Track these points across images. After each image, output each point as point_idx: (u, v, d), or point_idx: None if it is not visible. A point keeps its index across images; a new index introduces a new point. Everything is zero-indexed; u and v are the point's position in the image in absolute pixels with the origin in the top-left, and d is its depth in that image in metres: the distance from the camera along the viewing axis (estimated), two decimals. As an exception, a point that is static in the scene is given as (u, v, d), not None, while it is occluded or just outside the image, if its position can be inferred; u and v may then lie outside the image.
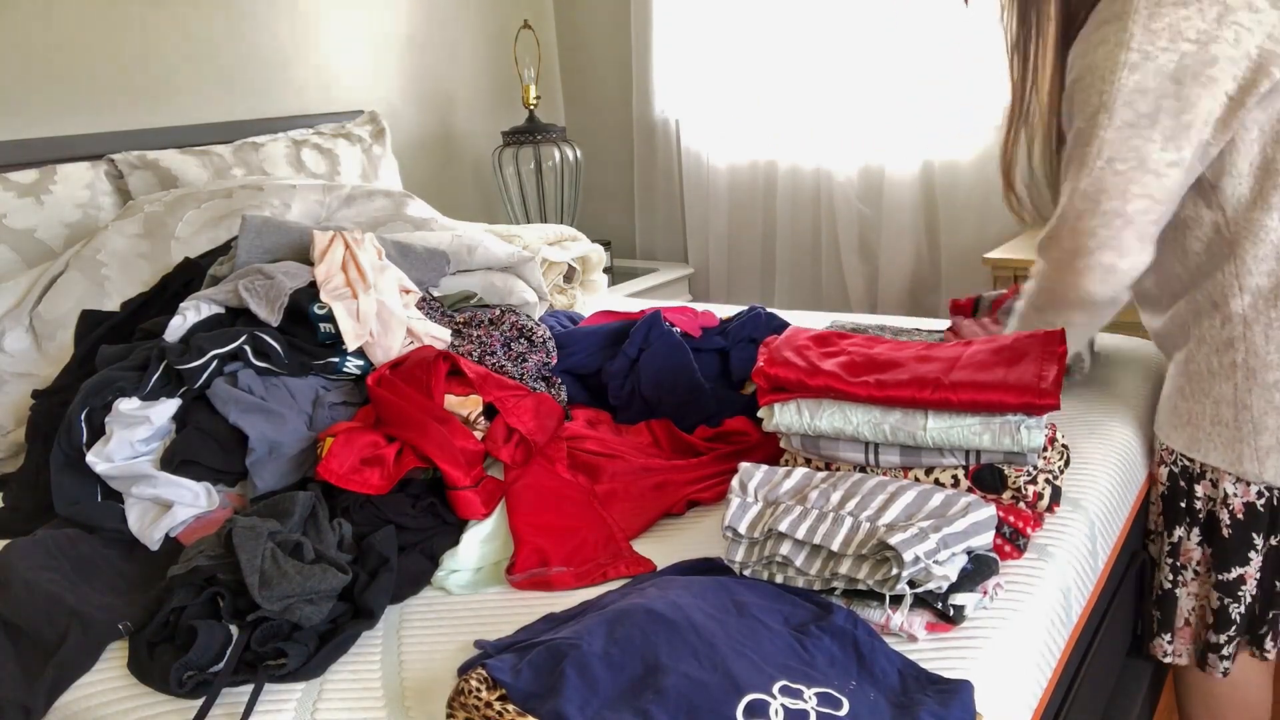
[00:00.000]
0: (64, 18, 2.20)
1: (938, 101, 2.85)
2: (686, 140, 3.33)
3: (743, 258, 3.33)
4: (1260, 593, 1.40)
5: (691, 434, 1.54)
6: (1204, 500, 1.40)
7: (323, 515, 1.22)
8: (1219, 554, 1.40)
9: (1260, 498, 1.35)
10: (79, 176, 2.04)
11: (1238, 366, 1.30)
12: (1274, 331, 1.28)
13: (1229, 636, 1.42)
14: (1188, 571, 1.45)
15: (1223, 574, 1.39)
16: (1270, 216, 1.25)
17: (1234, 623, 1.41)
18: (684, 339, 1.72)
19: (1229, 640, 1.42)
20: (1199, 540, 1.42)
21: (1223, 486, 1.36)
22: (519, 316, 1.76)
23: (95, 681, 1.07)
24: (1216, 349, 1.32)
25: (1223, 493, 1.36)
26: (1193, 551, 1.43)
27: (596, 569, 1.20)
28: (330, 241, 1.63)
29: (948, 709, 0.89)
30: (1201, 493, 1.39)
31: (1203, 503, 1.40)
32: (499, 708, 0.85)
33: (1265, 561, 1.38)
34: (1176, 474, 1.41)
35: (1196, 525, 1.41)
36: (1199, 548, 1.43)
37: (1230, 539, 1.37)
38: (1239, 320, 1.29)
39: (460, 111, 3.25)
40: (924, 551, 0.98)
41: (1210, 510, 1.40)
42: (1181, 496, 1.42)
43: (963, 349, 1.28)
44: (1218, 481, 1.37)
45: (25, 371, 1.68)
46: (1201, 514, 1.41)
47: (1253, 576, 1.39)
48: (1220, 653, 1.43)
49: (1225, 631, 1.41)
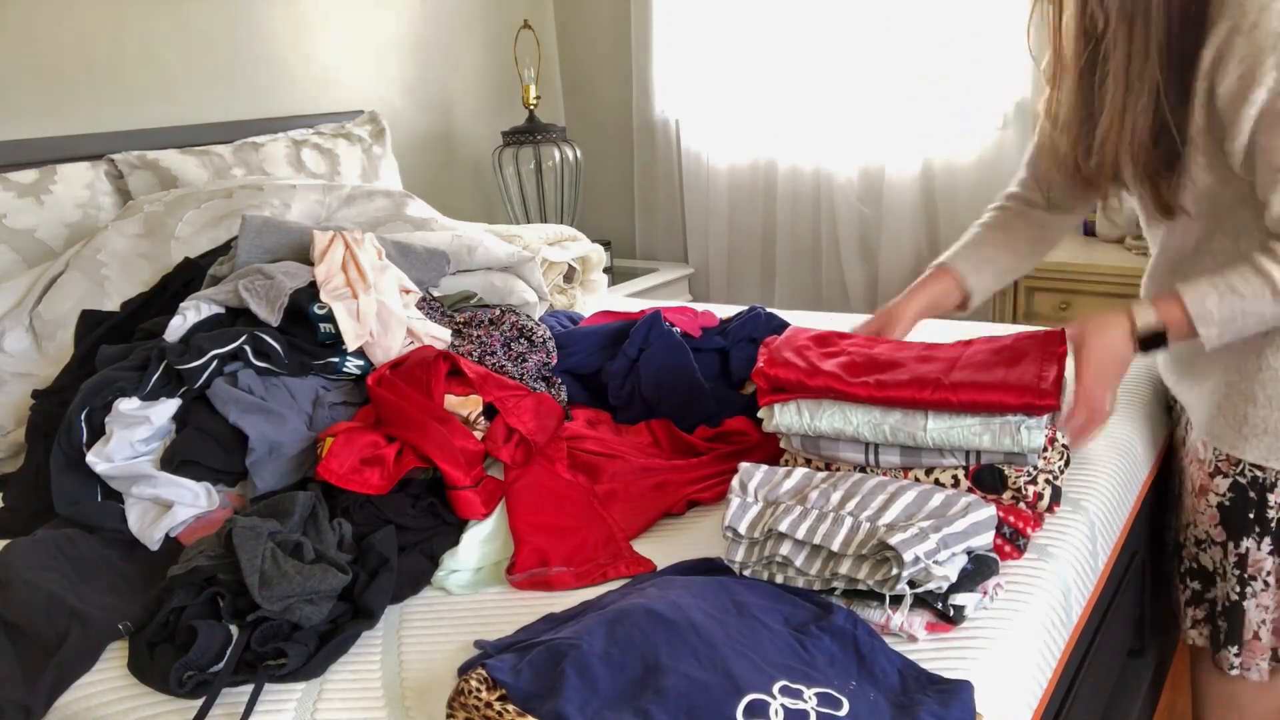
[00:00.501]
0: (64, 18, 2.20)
1: (938, 102, 2.85)
2: (686, 140, 3.33)
3: (743, 258, 3.33)
4: None
5: (691, 434, 1.54)
6: (1276, 509, 1.36)
7: (323, 515, 1.22)
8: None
9: None
10: (79, 176, 2.04)
11: None
12: None
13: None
14: (1257, 583, 1.41)
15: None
16: None
17: None
18: (684, 339, 1.72)
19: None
20: (1270, 550, 1.39)
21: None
22: (519, 316, 1.76)
23: (95, 681, 1.07)
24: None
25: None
26: (1264, 562, 1.39)
27: (596, 569, 1.20)
28: (330, 241, 1.63)
29: (948, 709, 0.89)
30: (1274, 501, 1.35)
31: (1275, 511, 1.36)
32: (499, 708, 0.85)
33: None
34: (1244, 485, 1.37)
35: (1268, 535, 1.37)
36: (1270, 557, 1.39)
37: None
38: None
39: (460, 111, 3.25)
40: (924, 551, 0.98)
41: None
42: (1251, 507, 1.37)
43: (963, 349, 1.28)
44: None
45: (25, 371, 1.68)
46: (1273, 523, 1.37)
47: None
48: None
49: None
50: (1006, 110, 2.79)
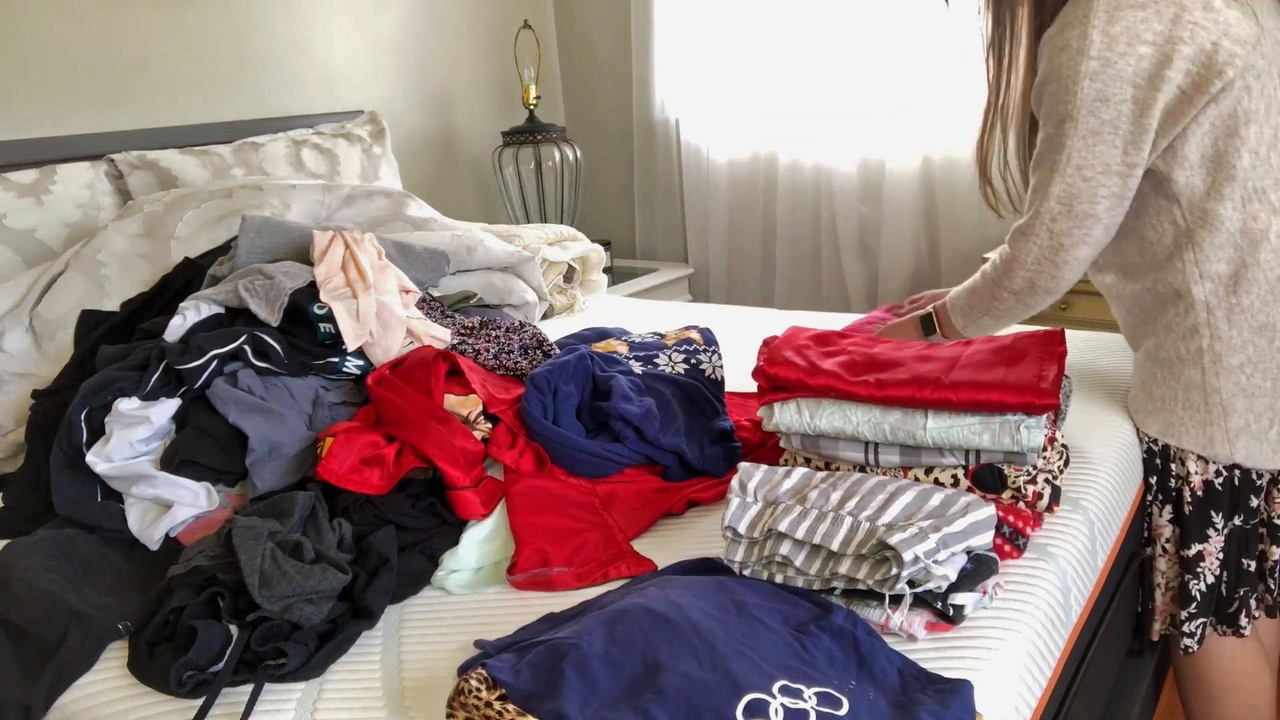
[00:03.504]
0: (64, 18, 2.20)
1: (937, 97, 2.85)
2: (686, 136, 3.33)
3: (743, 258, 3.33)
4: (1227, 572, 1.44)
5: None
6: (1176, 479, 1.45)
7: (323, 515, 1.22)
8: (1181, 531, 1.45)
9: (1219, 476, 1.40)
10: (79, 176, 2.04)
11: (1204, 352, 1.35)
12: (1236, 316, 1.32)
13: (1189, 614, 1.46)
14: (1156, 546, 1.50)
15: (1184, 550, 1.45)
16: (1224, 206, 1.30)
17: (1194, 599, 1.45)
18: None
19: (1190, 617, 1.46)
20: (1170, 517, 1.47)
21: (1186, 465, 1.42)
22: (540, 332, 1.74)
23: (95, 681, 1.07)
24: (1182, 335, 1.37)
25: (1186, 470, 1.42)
26: (1164, 528, 1.48)
27: (597, 569, 1.20)
28: (330, 241, 1.63)
29: (947, 709, 0.89)
30: (1174, 470, 1.44)
31: (1175, 481, 1.45)
32: (499, 708, 0.85)
33: (1229, 541, 1.43)
34: (1155, 452, 1.46)
35: (1169, 502, 1.47)
36: (1169, 525, 1.48)
37: (1190, 516, 1.43)
38: (1202, 307, 1.34)
39: (460, 111, 3.25)
40: (923, 551, 0.98)
41: (1178, 488, 1.45)
42: (1154, 474, 1.47)
43: (963, 349, 1.28)
44: (1184, 460, 1.42)
45: (25, 371, 1.68)
46: (1173, 492, 1.46)
47: (1213, 555, 1.43)
48: (1183, 629, 1.47)
49: (1186, 608, 1.46)
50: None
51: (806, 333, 1.38)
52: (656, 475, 1.41)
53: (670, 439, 1.41)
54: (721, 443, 1.45)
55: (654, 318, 2.26)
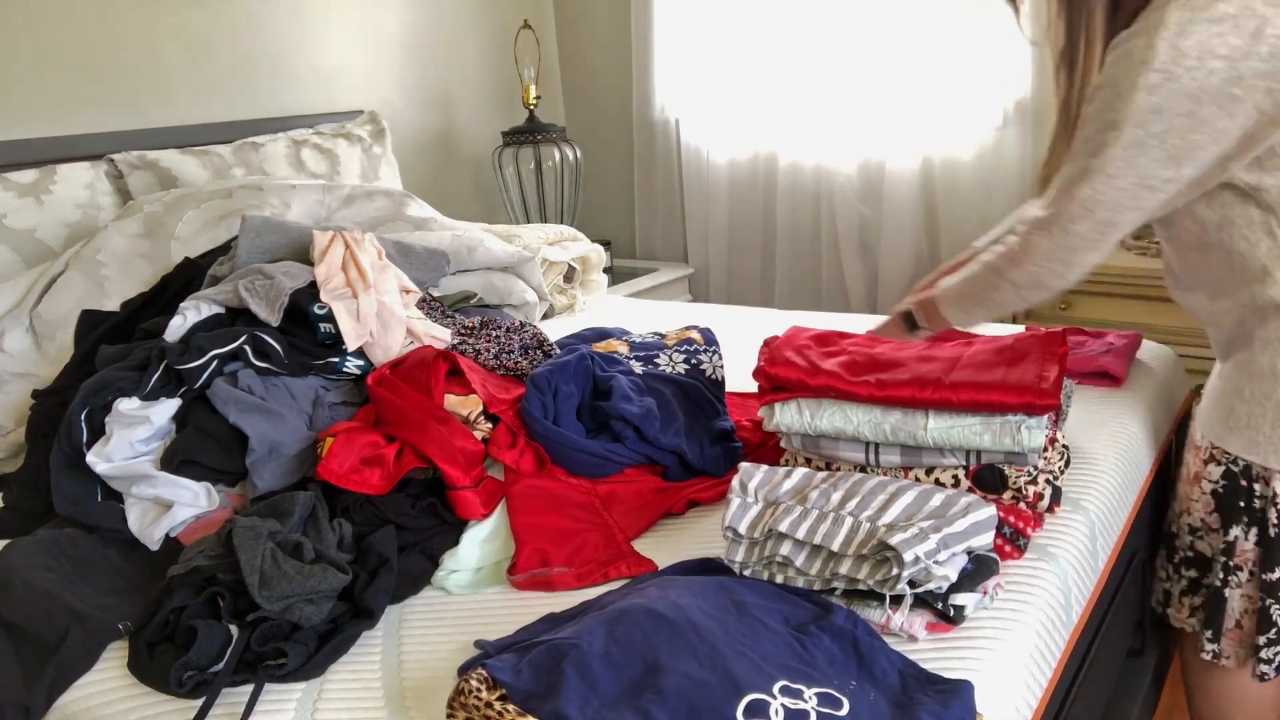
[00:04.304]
0: (64, 18, 2.20)
1: (937, 97, 2.85)
2: (686, 137, 3.33)
3: (743, 258, 3.33)
4: None
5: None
6: (1262, 499, 1.37)
7: (323, 515, 1.22)
8: (1266, 553, 1.37)
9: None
10: (79, 176, 2.04)
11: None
12: None
13: (1269, 639, 1.39)
14: (1243, 572, 1.41)
15: (1267, 574, 1.37)
16: None
17: (1276, 625, 1.38)
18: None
19: (1269, 643, 1.39)
20: (1256, 540, 1.40)
21: (1274, 485, 1.34)
22: (541, 332, 1.74)
23: (95, 681, 1.07)
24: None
25: (1273, 491, 1.34)
26: (1248, 552, 1.40)
27: (598, 569, 1.20)
28: (330, 241, 1.63)
29: (948, 709, 0.89)
30: (1260, 492, 1.37)
31: (1261, 501, 1.37)
32: (499, 708, 0.85)
33: None
34: (1237, 472, 1.39)
35: (1255, 525, 1.39)
36: (1255, 548, 1.40)
37: (1277, 538, 1.35)
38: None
39: (460, 111, 3.25)
40: (924, 551, 0.98)
41: (1263, 509, 1.37)
42: (1241, 495, 1.39)
43: (963, 349, 1.28)
44: (1269, 479, 1.35)
45: (25, 371, 1.68)
46: (1260, 513, 1.38)
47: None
48: (1260, 654, 1.40)
49: (1266, 633, 1.39)
50: (1007, 108, 2.79)
51: (807, 333, 1.38)
52: (657, 475, 1.41)
53: (670, 439, 1.41)
54: (722, 443, 1.45)
55: (654, 318, 2.26)
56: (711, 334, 1.71)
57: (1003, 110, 2.80)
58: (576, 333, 1.85)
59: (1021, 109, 2.77)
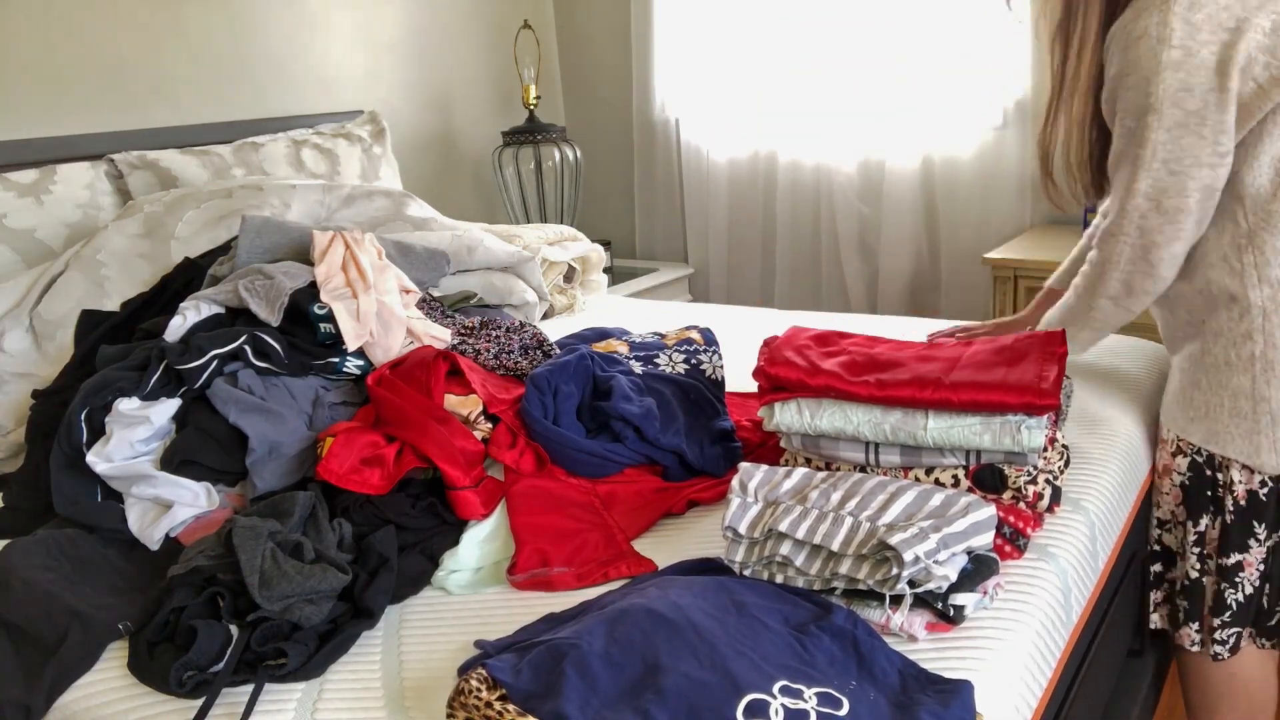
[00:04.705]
0: (63, 18, 2.20)
1: (937, 97, 2.86)
2: (686, 136, 3.33)
3: (743, 258, 3.33)
4: (1268, 584, 1.40)
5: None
6: (1224, 488, 1.40)
7: (323, 515, 1.22)
8: (1222, 539, 1.40)
9: (1264, 487, 1.35)
10: (79, 176, 2.04)
11: (1255, 359, 1.30)
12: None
13: (1223, 622, 1.42)
14: (1212, 561, 1.44)
15: (1223, 559, 1.40)
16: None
17: (1229, 609, 1.41)
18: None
19: (1223, 625, 1.43)
20: (1220, 528, 1.42)
21: (1230, 473, 1.37)
22: (541, 332, 1.74)
23: (95, 681, 1.07)
24: (1234, 341, 1.32)
25: (1230, 479, 1.37)
26: (1216, 540, 1.43)
27: (597, 569, 1.20)
28: (330, 241, 1.63)
29: (948, 709, 0.89)
30: (1222, 480, 1.40)
31: (1223, 490, 1.40)
32: (499, 708, 0.85)
33: (1272, 553, 1.38)
34: (1200, 463, 1.41)
35: (1221, 514, 1.41)
36: (1220, 536, 1.43)
37: (1232, 525, 1.38)
38: (1258, 312, 1.29)
39: (460, 111, 3.25)
40: (924, 551, 0.98)
41: (1220, 497, 1.40)
42: (1206, 485, 1.41)
43: (963, 349, 1.28)
44: (1228, 468, 1.37)
45: (25, 371, 1.68)
46: (1224, 502, 1.41)
47: (1253, 565, 1.39)
48: (1215, 636, 1.43)
49: (1220, 616, 1.42)
50: (1006, 108, 2.79)
51: (807, 333, 1.38)
52: (657, 475, 1.41)
53: (670, 439, 1.41)
54: (722, 443, 1.45)
55: (654, 318, 2.26)
56: (711, 334, 1.71)
57: (1002, 110, 2.80)
58: (576, 333, 1.85)
59: (1021, 109, 2.77)
